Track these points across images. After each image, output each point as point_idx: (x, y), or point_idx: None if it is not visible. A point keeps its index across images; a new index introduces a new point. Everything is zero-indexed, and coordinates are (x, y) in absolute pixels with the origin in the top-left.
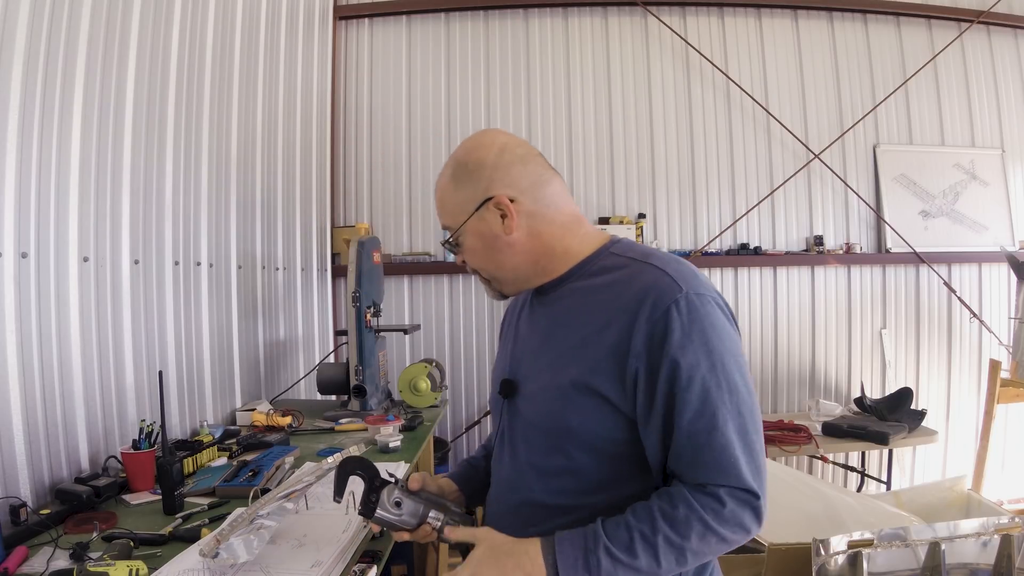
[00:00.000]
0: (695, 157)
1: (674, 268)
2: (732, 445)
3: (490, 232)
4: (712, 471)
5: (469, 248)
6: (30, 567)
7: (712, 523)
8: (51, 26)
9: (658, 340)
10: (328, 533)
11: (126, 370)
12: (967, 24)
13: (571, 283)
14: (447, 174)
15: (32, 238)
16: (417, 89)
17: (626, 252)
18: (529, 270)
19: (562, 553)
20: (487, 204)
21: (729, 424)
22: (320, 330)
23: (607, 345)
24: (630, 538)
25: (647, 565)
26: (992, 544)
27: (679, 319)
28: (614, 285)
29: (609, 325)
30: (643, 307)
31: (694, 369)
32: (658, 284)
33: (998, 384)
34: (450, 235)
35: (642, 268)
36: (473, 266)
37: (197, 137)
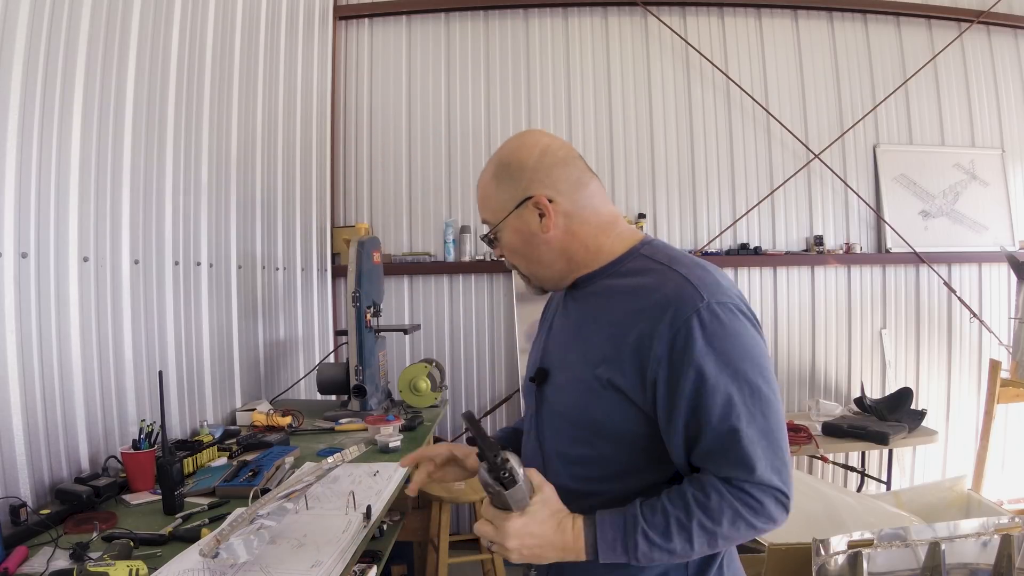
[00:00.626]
0: (695, 157)
1: (697, 276)
2: (755, 447)
3: (528, 230)
4: (738, 469)
5: (507, 244)
6: (30, 567)
7: (742, 511)
8: (51, 26)
9: (679, 348)
10: (328, 533)
11: (126, 370)
12: (967, 24)
13: (602, 280)
14: (490, 172)
15: (32, 238)
16: (417, 89)
17: (655, 255)
18: (564, 267)
19: (603, 534)
20: (526, 203)
21: (753, 427)
22: (320, 330)
23: (630, 346)
24: (666, 523)
25: (681, 548)
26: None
27: (700, 328)
28: (640, 288)
29: (633, 327)
30: (665, 314)
31: (716, 377)
32: (681, 293)
33: (998, 384)
34: (490, 230)
35: (667, 274)
36: (511, 261)
37: (197, 137)
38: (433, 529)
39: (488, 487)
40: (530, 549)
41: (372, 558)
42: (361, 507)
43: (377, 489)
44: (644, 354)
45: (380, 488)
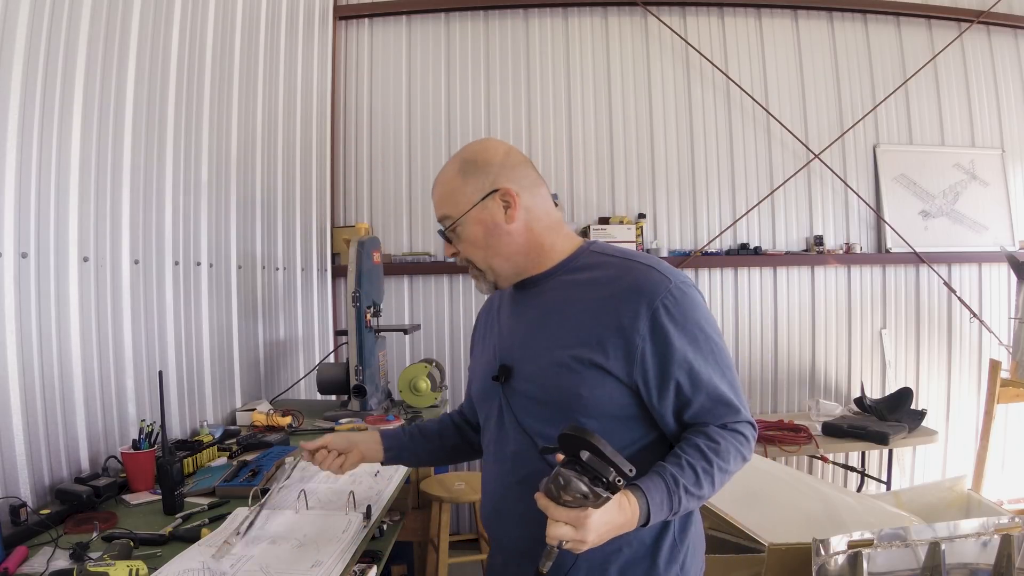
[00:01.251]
0: (695, 157)
1: (657, 263)
2: (732, 394)
3: (492, 220)
4: (728, 412)
5: (469, 236)
6: (30, 567)
7: (740, 447)
8: (51, 26)
9: (660, 326)
10: (328, 533)
11: (126, 370)
12: (967, 24)
13: (557, 277)
14: (453, 168)
15: (32, 238)
16: (417, 89)
17: (606, 251)
18: (521, 261)
19: (652, 500)
20: (493, 195)
21: (726, 379)
22: (320, 330)
23: (611, 329)
24: (695, 474)
25: (707, 491)
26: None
27: (676, 305)
28: (604, 278)
29: (611, 311)
30: (642, 296)
31: (695, 344)
32: (651, 277)
33: (998, 384)
34: (450, 223)
35: (629, 264)
36: (468, 256)
37: (197, 137)
38: (433, 529)
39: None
40: (602, 536)
41: (372, 558)
42: (361, 507)
43: (377, 489)
44: (628, 334)
45: (380, 488)
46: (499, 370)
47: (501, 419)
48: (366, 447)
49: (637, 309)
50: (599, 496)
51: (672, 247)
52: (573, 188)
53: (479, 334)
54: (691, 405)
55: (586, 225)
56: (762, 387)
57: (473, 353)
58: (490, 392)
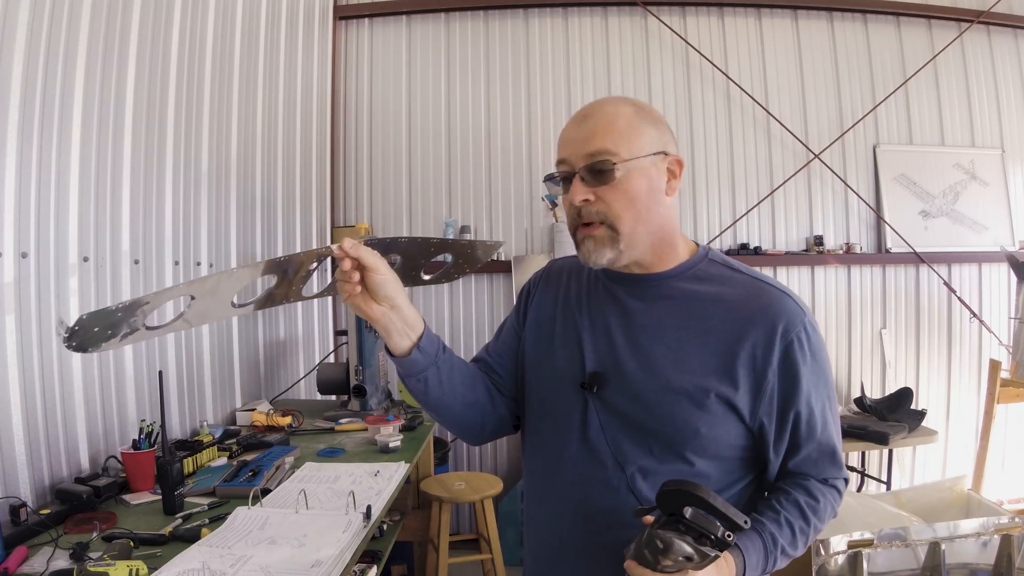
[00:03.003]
0: (695, 157)
1: (790, 290)
2: (839, 447)
3: (655, 183)
4: (832, 470)
5: (628, 189)
6: (30, 567)
7: (835, 507)
8: (51, 26)
9: (792, 361)
10: (328, 533)
11: (126, 370)
12: (967, 24)
13: (674, 282)
14: (627, 106)
15: (32, 238)
16: (417, 89)
17: (728, 263)
18: (657, 244)
19: (749, 559)
20: (666, 157)
21: (836, 432)
22: (320, 330)
23: (743, 358)
24: (792, 534)
25: (800, 550)
26: (992, 544)
27: (808, 343)
28: (734, 297)
29: (742, 338)
30: (778, 326)
31: (818, 388)
32: (787, 306)
33: (998, 384)
34: (613, 161)
35: (760, 286)
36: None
37: (197, 137)
38: (433, 529)
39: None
40: None
41: (372, 558)
42: (361, 507)
43: (377, 489)
44: (759, 368)
45: (380, 488)
46: (589, 377)
47: (583, 435)
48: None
49: (771, 340)
50: (706, 556)
51: None
52: None
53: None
54: (800, 451)
55: None
56: None
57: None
58: (568, 398)
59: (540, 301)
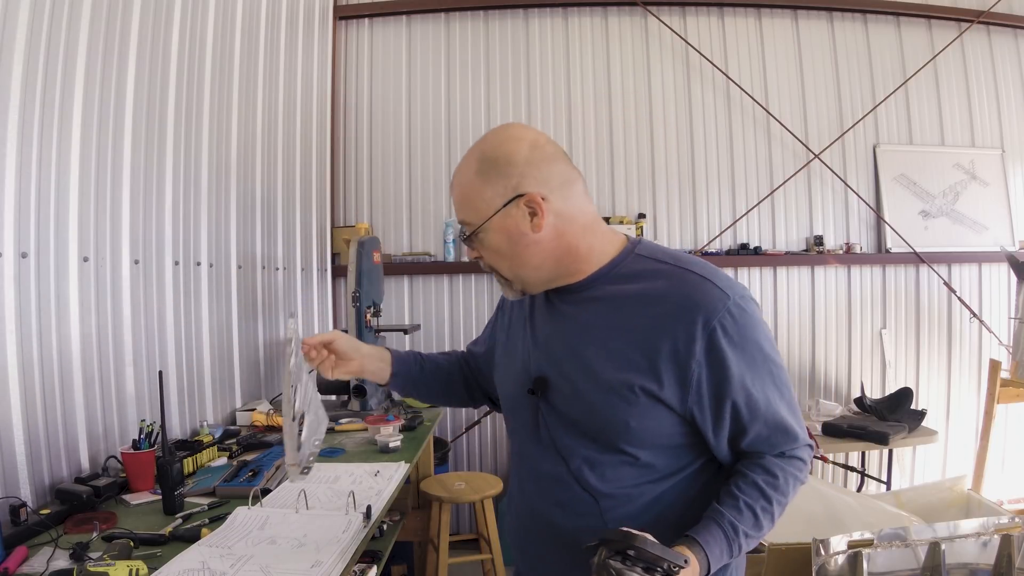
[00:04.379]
0: (695, 157)
1: (712, 274)
2: (791, 418)
3: (517, 229)
4: (787, 442)
5: (492, 246)
6: (30, 567)
7: (798, 475)
8: (51, 26)
9: (717, 350)
10: (328, 533)
11: (126, 370)
12: (967, 24)
13: (602, 285)
14: (471, 167)
15: (32, 238)
16: (417, 89)
17: (655, 254)
18: (552, 269)
19: (711, 552)
20: (517, 201)
21: (784, 402)
22: (320, 330)
23: (665, 352)
24: (754, 516)
25: (767, 527)
26: (992, 544)
27: (734, 326)
28: (655, 291)
29: (662, 332)
30: (698, 316)
31: (754, 367)
32: (708, 293)
33: (998, 384)
34: (472, 231)
35: (682, 275)
36: (492, 263)
37: (197, 137)
38: (433, 529)
39: None
40: None
41: (372, 558)
42: (361, 507)
43: (377, 489)
44: (682, 360)
45: (380, 488)
46: (534, 383)
47: (536, 434)
48: (371, 361)
49: (692, 331)
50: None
51: (672, 247)
52: None
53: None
54: (747, 433)
55: None
56: None
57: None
58: (522, 402)
59: (507, 313)
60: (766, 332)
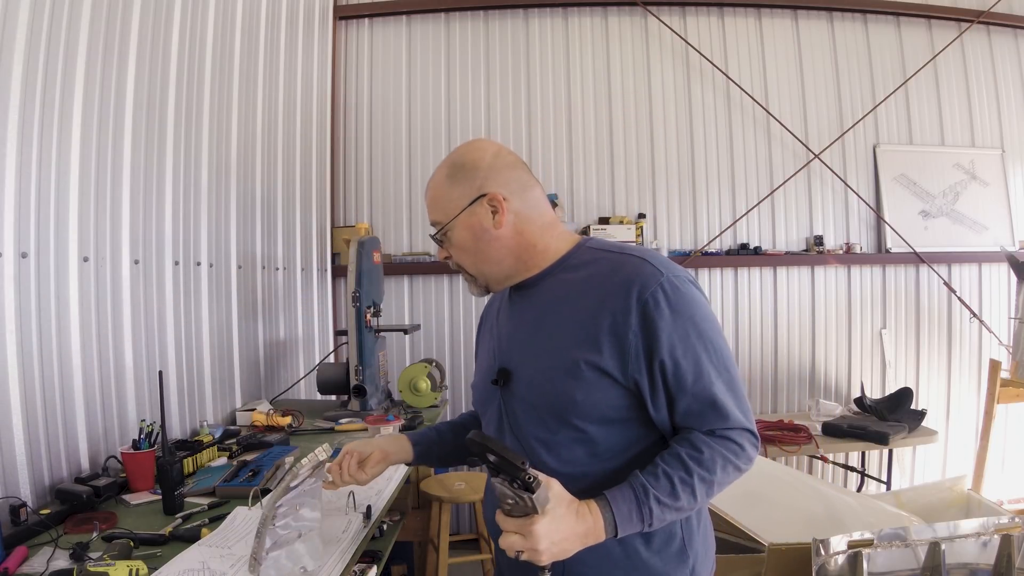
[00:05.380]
0: (695, 157)
1: (652, 256)
2: (727, 397)
3: (480, 226)
4: (718, 418)
5: (458, 241)
6: (30, 567)
7: (728, 456)
8: (51, 26)
9: (650, 319)
10: (328, 533)
11: (126, 370)
12: (967, 24)
13: (553, 276)
14: (442, 173)
15: (32, 238)
16: (417, 89)
17: (601, 246)
18: (512, 264)
19: (618, 510)
20: (481, 200)
21: (721, 381)
22: (320, 330)
23: (605, 326)
24: (671, 485)
25: (687, 502)
26: (992, 544)
27: (666, 299)
28: (598, 275)
29: (602, 308)
30: (632, 290)
31: (685, 340)
32: (643, 270)
33: (998, 384)
34: (440, 229)
35: (622, 259)
36: (458, 260)
37: (197, 137)
38: (433, 529)
39: (509, 499)
40: (559, 545)
41: (372, 558)
42: (361, 507)
43: (377, 489)
44: (620, 332)
45: (380, 488)
46: (497, 374)
47: (500, 424)
48: (388, 443)
49: (628, 304)
50: (521, 497)
51: (672, 247)
52: (573, 188)
53: (481, 335)
54: (676, 405)
55: (586, 225)
56: (762, 387)
57: (477, 353)
58: (490, 396)
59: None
60: (703, 312)
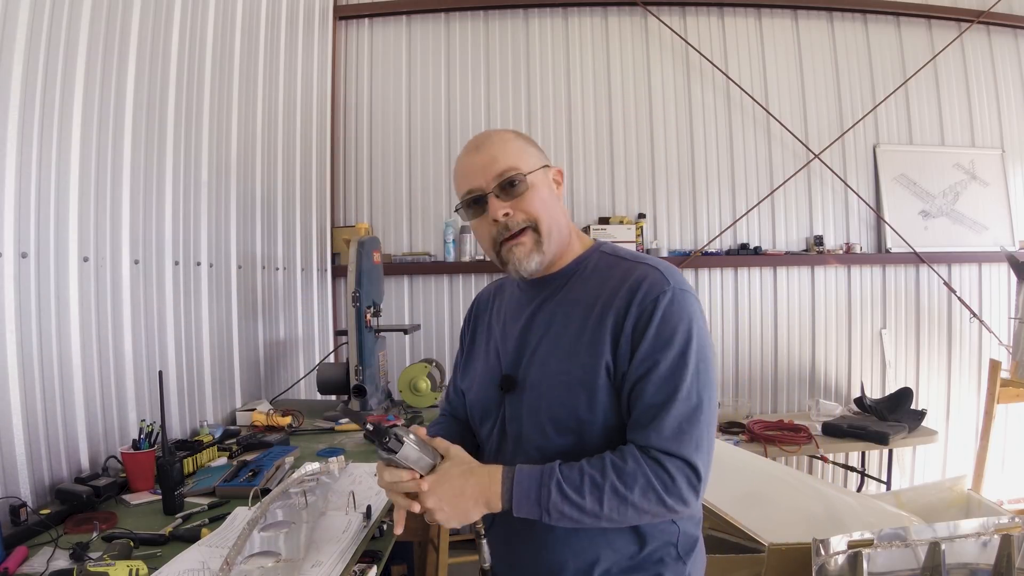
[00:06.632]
0: (695, 157)
1: (664, 267)
2: (683, 419)
3: (551, 189)
4: (659, 438)
5: (535, 192)
6: (30, 567)
7: (654, 481)
8: (51, 26)
9: (644, 320)
10: (328, 533)
11: (126, 370)
12: (967, 24)
13: (570, 278)
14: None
15: (32, 238)
16: (417, 89)
17: (616, 252)
18: (561, 239)
19: (519, 483)
20: (548, 168)
21: (687, 404)
22: (320, 330)
23: (608, 328)
24: (581, 480)
25: (591, 506)
26: (992, 544)
27: (664, 305)
28: (609, 281)
29: (607, 313)
30: (636, 295)
31: (668, 348)
32: (650, 277)
33: (998, 384)
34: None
35: (635, 266)
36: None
37: (197, 137)
38: (433, 529)
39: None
40: (450, 503)
41: (372, 558)
42: (361, 507)
43: (377, 489)
44: (617, 331)
45: (380, 488)
46: (502, 380)
47: (502, 431)
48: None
49: (629, 304)
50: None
51: (672, 247)
52: (573, 188)
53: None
54: (630, 413)
55: (586, 225)
56: (762, 387)
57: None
58: (491, 401)
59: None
60: (699, 331)
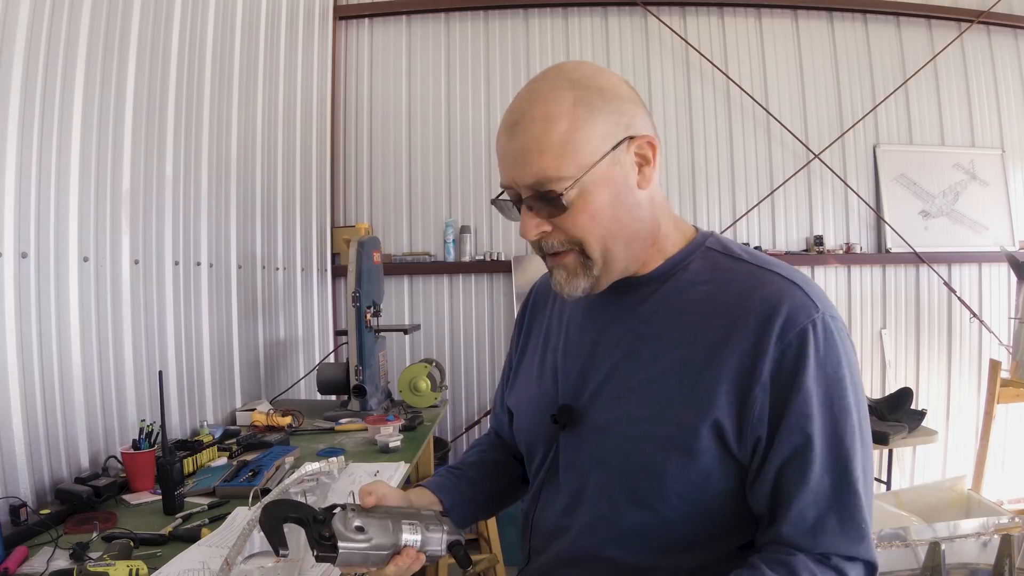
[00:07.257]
0: (695, 157)
1: (802, 280)
2: (863, 508)
3: (623, 182)
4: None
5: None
6: (30, 567)
7: None
8: (51, 26)
9: (789, 368)
10: None
11: (126, 370)
12: (967, 24)
13: (664, 286)
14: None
15: (32, 238)
16: (417, 89)
17: (730, 250)
18: (640, 248)
19: None
20: (627, 143)
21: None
22: (320, 330)
23: (726, 371)
24: None
25: None
26: (992, 544)
27: (815, 346)
28: (727, 298)
29: (725, 345)
30: (772, 324)
31: (826, 413)
32: (790, 299)
33: (998, 384)
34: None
35: (761, 275)
36: (580, 235)
37: (197, 137)
38: None
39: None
40: None
41: None
42: None
43: None
44: (747, 378)
45: None
46: (559, 410)
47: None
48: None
49: (763, 343)
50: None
51: None
52: None
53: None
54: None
55: None
56: None
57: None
58: (541, 435)
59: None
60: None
